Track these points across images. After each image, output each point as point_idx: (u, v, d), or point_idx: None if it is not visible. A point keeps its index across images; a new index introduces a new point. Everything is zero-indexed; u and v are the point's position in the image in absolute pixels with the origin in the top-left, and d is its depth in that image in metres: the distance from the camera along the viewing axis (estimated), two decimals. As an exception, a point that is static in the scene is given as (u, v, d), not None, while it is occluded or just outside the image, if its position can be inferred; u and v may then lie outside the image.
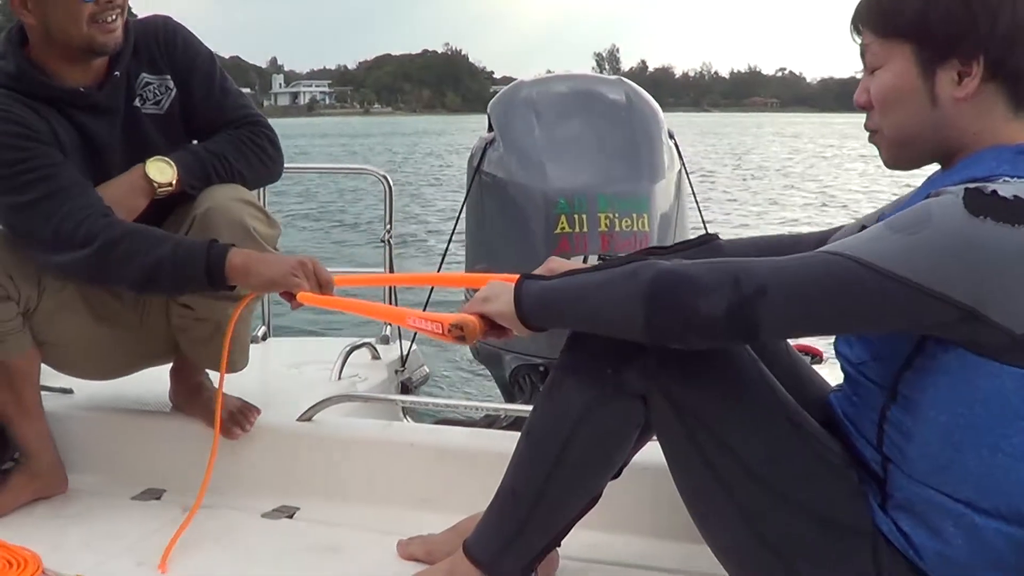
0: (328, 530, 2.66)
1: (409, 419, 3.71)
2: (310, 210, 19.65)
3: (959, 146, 1.77)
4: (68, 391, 3.19)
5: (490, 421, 3.42)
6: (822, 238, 2.14)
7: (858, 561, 1.80)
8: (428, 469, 2.79)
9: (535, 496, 1.98)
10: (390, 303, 3.80)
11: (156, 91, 2.81)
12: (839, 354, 1.92)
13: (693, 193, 3.79)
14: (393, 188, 4.32)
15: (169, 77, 2.82)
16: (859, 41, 1.86)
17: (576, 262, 2.23)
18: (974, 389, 1.65)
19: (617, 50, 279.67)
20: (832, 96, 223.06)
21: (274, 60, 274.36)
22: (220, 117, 2.85)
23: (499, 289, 1.95)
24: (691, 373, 1.84)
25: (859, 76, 1.87)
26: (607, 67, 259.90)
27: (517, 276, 1.95)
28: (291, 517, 2.77)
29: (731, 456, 1.83)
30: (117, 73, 2.73)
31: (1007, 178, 1.64)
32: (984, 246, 1.56)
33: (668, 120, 3.64)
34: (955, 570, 1.74)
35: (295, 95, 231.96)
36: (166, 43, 2.82)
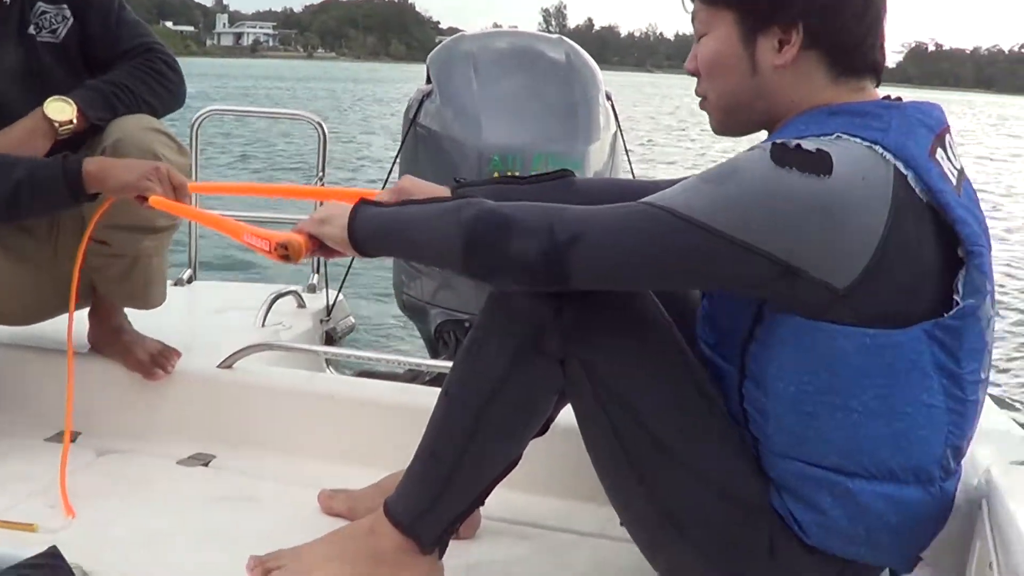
0: (246, 480, 2.64)
1: (332, 370, 3.68)
2: (245, 152, 19.49)
3: (782, 112, 1.81)
4: None
5: (413, 375, 3.41)
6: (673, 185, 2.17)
7: (754, 536, 1.82)
8: (350, 422, 2.77)
9: (455, 458, 1.97)
10: None
11: (52, 20, 2.76)
12: (697, 339, 1.94)
13: (627, 154, 3.79)
14: (328, 135, 4.28)
15: (66, 6, 2.78)
16: (689, 9, 1.89)
17: (429, 184, 2.22)
18: (814, 355, 1.68)
19: (564, 7, 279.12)
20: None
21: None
22: (117, 47, 2.81)
23: (336, 212, 1.94)
24: (606, 340, 1.84)
25: None
26: (554, 23, 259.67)
27: (358, 196, 1.98)
28: (207, 465, 2.74)
29: (639, 426, 1.83)
30: (6, 1, 2.69)
31: (814, 136, 1.68)
32: (790, 197, 1.58)
33: (612, 79, 3.62)
34: (840, 540, 1.77)
35: (239, 36, 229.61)
36: None
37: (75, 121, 2.64)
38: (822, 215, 1.58)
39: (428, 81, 3.63)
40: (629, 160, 3.88)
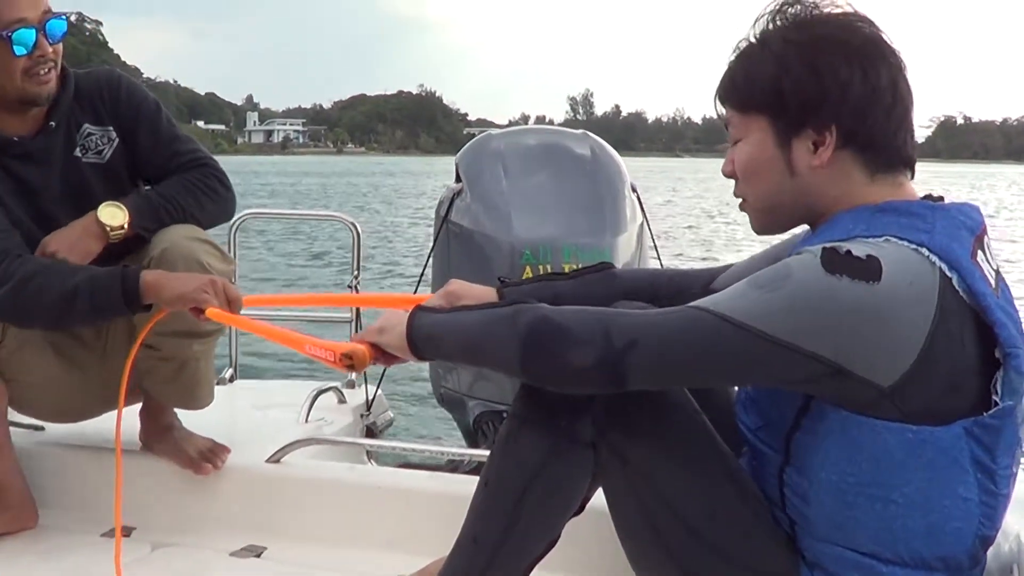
0: (296, 570, 2.72)
1: (373, 463, 3.77)
2: (282, 248, 19.76)
3: (822, 209, 1.86)
4: (39, 428, 3.24)
5: (454, 466, 3.48)
6: (712, 275, 2.24)
7: None
8: (393, 512, 2.86)
9: (495, 543, 2.02)
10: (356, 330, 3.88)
11: (98, 141, 2.91)
12: (739, 422, 1.99)
13: (655, 245, 3.88)
14: (361, 234, 4.38)
15: (112, 128, 2.92)
16: (724, 116, 1.95)
17: (477, 286, 2.30)
18: (858, 448, 1.73)
19: (591, 94, 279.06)
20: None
21: (250, 98, 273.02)
22: (169, 163, 2.94)
23: (393, 320, 2.00)
24: (637, 426, 1.89)
25: None
26: (581, 111, 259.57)
27: (414, 303, 2.05)
28: (259, 556, 2.83)
29: (670, 509, 1.88)
30: (53, 123, 2.83)
31: (862, 238, 1.73)
32: (841, 302, 1.63)
33: (640, 164, 3.71)
34: None
35: (269, 133, 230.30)
36: (110, 96, 2.93)
37: (125, 227, 2.77)
38: (871, 320, 1.63)
39: (457, 179, 3.73)
40: (656, 249, 3.98)
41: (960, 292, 1.68)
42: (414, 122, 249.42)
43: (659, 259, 4.03)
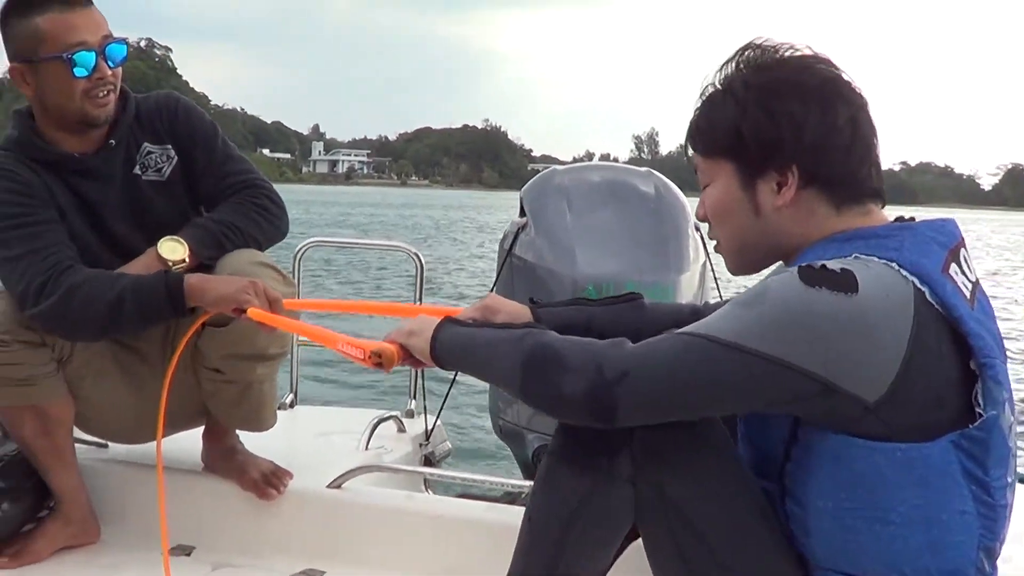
0: None
1: (431, 492, 3.79)
2: (342, 281, 19.92)
3: (792, 247, 1.92)
4: (103, 445, 3.31)
5: (511, 498, 3.50)
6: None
7: None
8: (450, 541, 2.88)
9: None
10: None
11: (158, 159, 2.99)
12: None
13: (716, 284, 3.89)
14: (425, 264, 4.43)
15: (170, 147, 3.00)
16: (693, 163, 2.02)
17: (513, 302, 2.35)
18: (850, 472, 1.76)
19: (656, 133, 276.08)
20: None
21: (316, 127, 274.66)
22: (222, 182, 3.01)
23: (424, 325, 2.05)
24: (673, 460, 1.89)
25: (896, 168, 1.97)
26: (646, 150, 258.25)
27: (446, 313, 2.10)
28: (317, 580, 2.85)
29: (702, 543, 1.89)
30: (113, 142, 2.91)
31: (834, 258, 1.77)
32: (822, 313, 1.67)
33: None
34: None
35: (334, 163, 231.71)
36: (169, 116, 3.01)
37: (187, 260, 2.83)
38: (853, 330, 1.67)
39: (522, 213, 3.77)
40: (719, 288, 3.98)
41: (934, 304, 1.73)
42: (478, 156, 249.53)
43: (720, 298, 4.03)
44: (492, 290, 3.83)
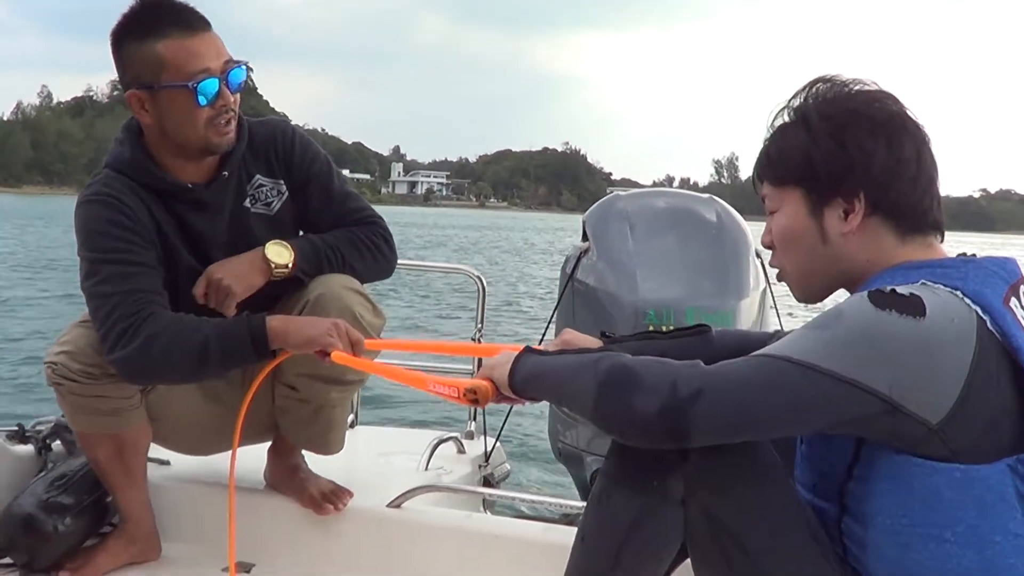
0: None
1: (489, 512, 3.81)
2: (406, 301, 20.03)
3: (857, 274, 1.96)
4: (165, 463, 3.34)
5: (570, 520, 3.50)
6: None
7: None
8: (509, 561, 2.89)
9: None
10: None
11: (268, 193, 2.94)
12: (796, 485, 2.03)
13: (776, 310, 3.89)
14: (487, 288, 4.44)
15: (283, 182, 2.96)
16: (761, 192, 2.06)
17: (589, 337, 2.34)
18: (909, 490, 1.78)
19: (736, 158, 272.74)
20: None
21: (397, 148, 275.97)
22: (340, 221, 2.98)
23: (504, 359, 2.08)
24: (726, 483, 1.91)
25: (975, 195, 2.00)
26: (725, 174, 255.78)
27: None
28: (377, 597, 2.88)
29: (754, 567, 1.90)
30: (226, 173, 2.86)
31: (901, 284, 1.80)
32: (892, 335, 1.71)
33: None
34: None
35: (413, 184, 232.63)
36: (284, 150, 2.96)
37: (290, 266, 2.82)
38: (920, 353, 1.71)
39: (585, 238, 3.79)
40: (778, 314, 3.98)
41: (995, 333, 1.77)
42: (557, 179, 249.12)
43: (781, 325, 4.03)
44: (553, 313, 3.87)
